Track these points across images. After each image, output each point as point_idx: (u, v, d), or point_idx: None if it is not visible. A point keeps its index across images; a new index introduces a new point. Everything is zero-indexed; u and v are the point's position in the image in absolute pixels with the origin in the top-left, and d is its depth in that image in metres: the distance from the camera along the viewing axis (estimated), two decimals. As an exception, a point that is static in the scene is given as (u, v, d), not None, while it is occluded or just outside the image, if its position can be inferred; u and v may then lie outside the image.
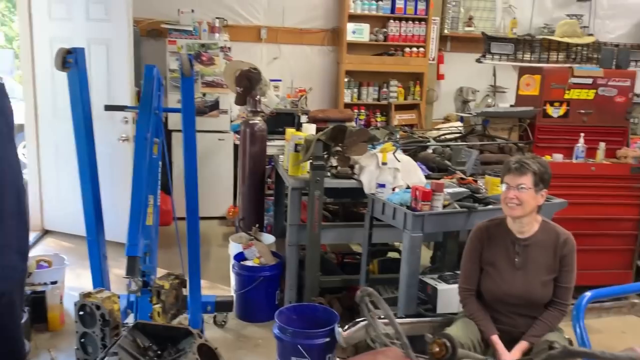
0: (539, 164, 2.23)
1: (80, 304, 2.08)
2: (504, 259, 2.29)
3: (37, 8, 4.44)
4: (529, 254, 2.27)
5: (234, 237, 3.85)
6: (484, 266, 2.34)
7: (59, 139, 4.54)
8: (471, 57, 6.21)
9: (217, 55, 5.30)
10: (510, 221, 2.29)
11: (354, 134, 3.21)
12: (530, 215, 2.24)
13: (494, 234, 2.33)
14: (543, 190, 2.24)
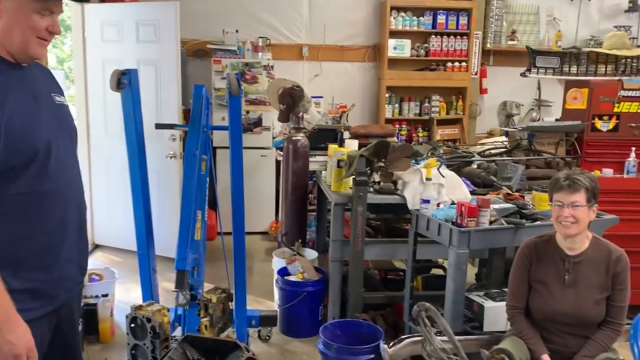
0: (590, 179, 2.18)
1: (131, 316, 2.14)
2: (554, 277, 2.24)
3: (90, 31, 4.66)
4: (579, 272, 2.21)
5: (277, 252, 3.89)
6: (533, 284, 2.29)
7: (109, 156, 4.72)
8: (515, 70, 6.12)
9: (260, 73, 5.42)
10: (560, 238, 2.24)
11: (397, 150, 3.22)
12: (582, 232, 2.19)
13: (543, 251, 2.28)
14: (594, 206, 2.19)
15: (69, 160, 1.63)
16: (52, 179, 1.53)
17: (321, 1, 6.00)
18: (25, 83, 1.52)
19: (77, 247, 1.68)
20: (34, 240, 1.52)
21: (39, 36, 1.48)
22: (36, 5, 1.44)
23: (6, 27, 1.44)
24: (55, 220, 1.57)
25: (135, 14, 4.48)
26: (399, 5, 5.87)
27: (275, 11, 5.93)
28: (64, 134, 1.62)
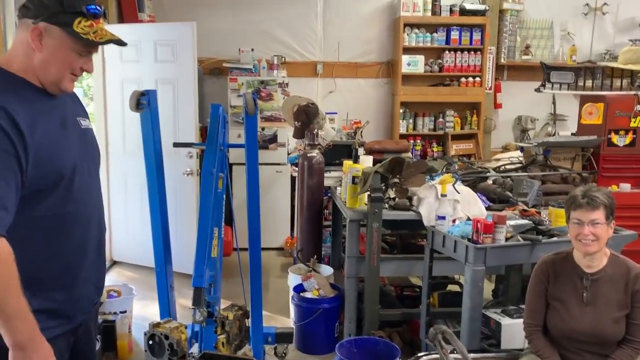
0: (607, 196, 2.17)
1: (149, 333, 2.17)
2: (572, 294, 2.22)
3: (110, 52, 4.76)
4: (598, 289, 2.19)
5: (293, 268, 3.90)
6: (551, 301, 2.27)
7: (127, 173, 4.79)
8: (529, 85, 6.11)
9: (275, 90, 5.48)
10: (578, 255, 2.23)
11: (412, 166, 3.23)
12: (601, 249, 2.18)
13: (560, 268, 2.27)
14: (612, 222, 2.18)
15: (91, 183, 1.67)
16: (75, 202, 1.56)
17: (335, 19, 6.08)
18: (54, 110, 1.56)
19: (95, 268, 1.71)
20: (55, 261, 1.55)
21: (73, 73, 1.54)
22: (77, 47, 1.50)
23: (45, 61, 1.48)
24: (76, 241, 1.60)
25: (153, 35, 4.58)
26: (412, 22, 5.91)
27: (290, 30, 6.02)
28: (88, 157, 1.66)
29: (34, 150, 1.41)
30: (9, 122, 1.37)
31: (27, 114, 1.43)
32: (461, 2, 5.98)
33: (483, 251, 2.60)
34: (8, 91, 1.43)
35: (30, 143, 1.40)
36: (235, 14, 5.89)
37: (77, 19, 1.48)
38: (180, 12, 5.71)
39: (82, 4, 1.49)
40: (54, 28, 1.46)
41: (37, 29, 1.46)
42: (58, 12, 1.46)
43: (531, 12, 6.23)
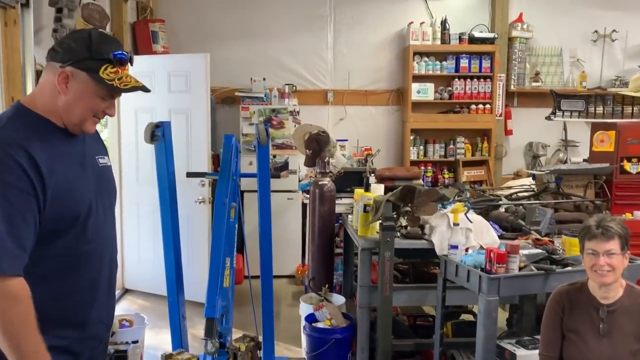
0: (621, 226, 2.16)
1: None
2: (588, 326, 2.19)
3: (125, 82, 4.85)
4: (614, 321, 2.16)
5: (304, 297, 3.88)
6: (566, 333, 2.24)
7: (140, 201, 4.84)
8: (540, 112, 6.14)
9: (286, 119, 5.54)
10: (593, 286, 2.21)
11: (424, 194, 3.23)
12: (617, 280, 2.16)
13: (575, 299, 2.24)
14: (627, 252, 2.16)
15: (106, 222, 1.68)
16: (89, 241, 1.57)
17: (345, 49, 6.17)
18: (74, 150, 1.59)
19: (105, 306, 1.71)
20: (67, 300, 1.56)
21: (95, 116, 1.57)
22: (101, 92, 1.53)
23: (69, 104, 1.52)
24: (88, 280, 1.61)
25: (167, 66, 4.67)
26: (421, 50, 5.98)
27: (300, 59, 6.11)
28: (104, 195, 1.68)
29: (51, 191, 1.44)
30: (29, 163, 1.39)
31: (47, 155, 1.45)
32: (470, 31, 6.05)
33: (496, 281, 2.57)
34: (30, 131, 1.46)
35: (49, 184, 1.43)
36: (247, 45, 6.01)
37: (103, 65, 1.51)
38: (193, 43, 5.84)
39: (109, 51, 1.53)
40: (80, 73, 1.50)
41: (64, 73, 1.49)
42: (86, 58, 1.50)
43: (540, 40, 6.28)
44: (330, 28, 6.15)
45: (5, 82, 2.99)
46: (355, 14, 6.14)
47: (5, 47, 2.97)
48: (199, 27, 5.95)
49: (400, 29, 6.16)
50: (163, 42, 5.30)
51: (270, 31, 6.05)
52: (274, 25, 6.05)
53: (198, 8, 5.96)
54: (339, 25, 6.15)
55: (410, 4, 6.14)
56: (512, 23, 6.16)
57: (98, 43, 1.53)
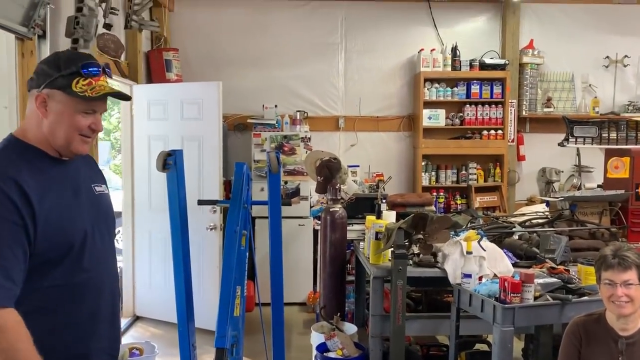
0: (638, 255, 2.11)
1: (172, 396, 2.14)
2: (606, 359, 2.13)
3: (138, 109, 4.92)
4: (634, 354, 2.10)
5: (316, 326, 3.83)
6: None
7: (152, 227, 4.85)
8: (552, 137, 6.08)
9: (298, 145, 5.57)
10: (611, 317, 2.15)
11: (436, 221, 3.20)
12: (636, 311, 2.10)
13: (592, 331, 2.19)
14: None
15: (104, 250, 1.65)
16: (86, 271, 1.55)
17: (356, 76, 6.22)
18: (67, 178, 1.58)
19: (108, 337, 1.68)
20: (67, 331, 1.54)
21: (81, 134, 1.55)
22: (80, 106, 1.52)
23: (52, 125, 1.51)
24: (88, 311, 1.59)
25: (180, 94, 4.73)
26: (432, 77, 6.01)
27: (312, 86, 6.18)
28: (101, 224, 1.65)
29: (42, 220, 1.43)
30: (18, 194, 1.39)
31: (38, 184, 1.45)
32: (481, 57, 6.07)
33: (511, 311, 2.52)
34: (21, 161, 1.47)
35: (39, 213, 1.42)
36: (259, 72, 6.09)
37: (74, 79, 1.50)
38: (206, 71, 5.93)
39: (77, 64, 1.52)
40: (55, 92, 1.50)
41: (41, 96, 1.50)
42: (57, 77, 1.50)
43: (551, 65, 6.29)
44: (341, 55, 6.22)
45: (22, 111, 3.04)
46: (366, 41, 6.21)
47: (22, 78, 3.02)
48: (212, 56, 6.05)
49: (410, 56, 6.21)
50: (176, 71, 5.38)
51: (282, 59, 6.13)
52: (285, 53, 6.13)
53: (211, 37, 6.06)
54: (350, 52, 6.22)
55: (421, 31, 6.19)
56: (523, 49, 6.18)
57: (66, 60, 1.53)
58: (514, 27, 6.17)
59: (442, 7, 6.19)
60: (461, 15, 6.24)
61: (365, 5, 6.17)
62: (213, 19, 6.08)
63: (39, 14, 2.99)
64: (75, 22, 3.29)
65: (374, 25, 6.19)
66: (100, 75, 1.56)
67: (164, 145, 4.62)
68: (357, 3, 6.16)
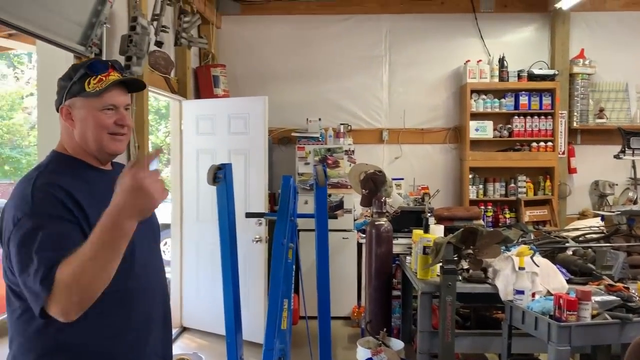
0: None
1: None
2: (674, 383, 2.01)
3: (187, 124, 5.05)
4: None
5: (362, 341, 3.79)
6: (649, 389, 2.07)
7: (200, 239, 4.93)
8: (605, 149, 5.91)
9: (341, 158, 5.57)
10: (677, 339, 2.04)
11: (486, 236, 3.12)
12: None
13: (657, 353, 2.07)
14: None
15: (151, 257, 1.69)
16: (137, 276, 1.58)
17: (400, 88, 6.19)
18: (110, 186, 1.57)
19: (161, 341, 1.72)
20: (121, 337, 1.56)
21: (110, 132, 1.57)
22: (98, 104, 1.54)
23: (81, 131, 1.56)
24: (142, 316, 1.62)
25: (227, 108, 4.82)
26: (479, 88, 5.91)
27: (356, 99, 6.18)
28: (148, 232, 1.67)
29: (93, 223, 1.42)
30: (69, 200, 1.43)
31: (86, 193, 1.48)
32: (529, 68, 5.94)
33: (567, 330, 2.43)
34: (68, 173, 1.52)
35: (90, 214, 1.44)
36: (303, 86, 6.14)
37: (85, 80, 1.54)
38: (252, 86, 6.03)
39: (85, 65, 1.56)
40: (74, 100, 1.55)
41: (64, 108, 1.56)
42: (71, 85, 1.55)
43: (603, 75, 6.08)
44: (385, 68, 6.21)
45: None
46: (411, 53, 6.18)
47: (79, 94, 3.15)
48: (257, 71, 6.15)
49: (456, 67, 6.14)
50: (224, 86, 5.50)
51: (326, 72, 6.17)
52: (329, 66, 6.17)
53: (256, 53, 6.17)
54: (394, 65, 6.20)
55: (467, 43, 6.12)
56: (573, 59, 6.01)
57: (75, 68, 1.58)
58: (563, 37, 6.02)
59: (489, 18, 6.10)
60: (508, 25, 6.13)
61: (410, 17, 6.15)
62: (259, 36, 6.19)
63: (96, 33, 3.12)
64: (129, 41, 3.41)
65: (419, 37, 6.16)
66: (109, 70, 1.59)
67: (211, 158, 4.72)
68: (401, 16, 6.15)
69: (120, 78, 1.60)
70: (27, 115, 15.45)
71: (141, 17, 3.52)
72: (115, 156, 1.65)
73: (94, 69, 1.56)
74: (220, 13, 6.07)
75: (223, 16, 6.15)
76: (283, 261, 2.69)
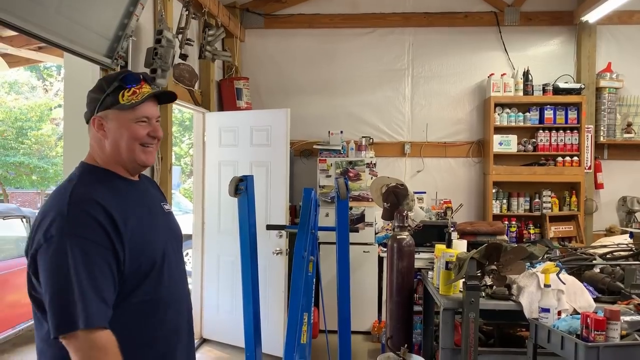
0: None
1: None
2: None
3: (210, 137, 5.09)
4: None
5: (382, 357, 3.70)
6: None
7: (221, 251, 4.94)
8: (633, 164, 5.82)
9: (363, 171, 5.55)
10: None
11: (511, 252, 3.06)
12: None
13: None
14: None
15: (178, 266, 1.71)
16: (166, 286, 1.60)
17: (423, 101, 6.16)
18: (142, 197, 1.66)
19: (187, 351, 1.73)
20: (153, 347, 1.58)
21: (141, 143, 1.61)
22: (132, 116, 1.58)
23: (113, 143, 1.59)
24: (171, 325, 1.63)
25: (250, 121, 4.85)
26: (503, 102, 5.85)
27: (378, 112, 6.17)
28: (174, 241, 1.72)
29: (128, 241, 1.48)
30: (105, 217, 1.45)
31: (119, 206, 1.51)
32: (554, 81, 5.86)
33: (595, 350, 2.35)
34: (100, 185, 1.54)
35: (125, 235, 1.48)
36: (325, 99, 6.16)
37: (119, 93, 1.58)
38: (274, 99, 6.07)
39: (118, 78, 1.60)
40: (107, 112, 1.58)
41: (97, 119, 1.59)
42: (105, 97, 1.58)
43: (631, 89, 5.96)
44: (407, 81, 6.19)
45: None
46: (433, 67, 6.15)
47: (105, 106, 3.20)
48: (280, 84, 6.19)
49: (480, 81, 6.09)
50: (246, 99, 5.54)
51: (348, 85, 6.17)
52: (351, 79, 6.18)
53: (279, 66, 6.21)
54: (417, 78, 6.18)
55: (490, 56, 6.07)
56: (599, 73, 5.91)
57: (108, 80, 1.61)
58: (589, 50, 5.93)
59: (513, 32, 6.05)
60: (533, 39, 6.07)
61: (433, 31, 6.13)
62: (282, 49, 6.23)
63: (122, 46, 3.17)
64: (154, 53, 3.46)
65: (442, 50, 6.13)
66: (142, 82, 1.63)
67: (233, 170, 4.74)
68: (424, 29, 6.14)
69: (155, 91, 1.64)
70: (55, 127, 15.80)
71: (167, 30, 3.57)
72: (146, 167, 1.68)
73: (128, 81, 1.60)
74: (244, 26, 6.14)
75: (247, 29, 6.21)
76: (303, 274, 2.67)
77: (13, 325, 4.82)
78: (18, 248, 5.32)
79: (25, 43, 4.77)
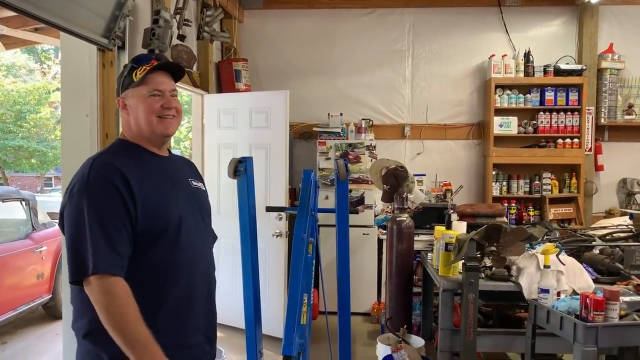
0: None
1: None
2: None
3: (209, 119, 5.06)
4: None
5: (382, 337, 3.76)
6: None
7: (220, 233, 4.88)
8: (634, 146, 5.80)
9: (363, 153, 5.53)
10: None
11: (510, 233, 3.06)
12: None
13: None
14: None
15: (199, 235, 1.78)
16: (182, 250, 1.68)
17: (423, 83, 6.12)
18: (164, 169, 1.77)
19: (204, 317, 1.78)
20: (162, 305, 1.64)
21: (158, 115, 1.72)
22: (144, 90, 1.71)
23: (134, 118, 1.74)
24: (183, 288, 1.68)
25: (249, 103, 4.81)
26: (503, 83, 5.81)
27: (378, 94, 6.13)
28: (196, 212, 1.80)
29: (142, 202, 1.60)
30: (120, 179, 1.58)
31: (138, 173, 1.64)
32: (555, 62, 5.82)
33: (594, 330, 2.36)
34: (124, 154, 1.70)
35: (137, 194, 1.60)
36: (325, 81, 6.12)
37: (133, 72, 1.73)
38: (273, 80, 6.03)
39: (133, 60, 1.77)
40: (126, 92, 1.74)
41: (120, 100, 1.76)
42: (123, 79, 1.76)
43: (633, 71, 5.92)
44: (408, 62, 6.14)
45: (101, 119, 3.19)
46: (434, 48, 6.10)
47: (102, 87, 3.17)
48: (279, 65, 6.14)
49: (480, 62, 6.04)
50: (245, 80, 5.50)
51: (348, 67, 6.13)
52: (351, 61, 6.13)
53: (278, 47, 6.16)
54: (417, 59, 6.13)
55: (491, 37, 6.02)
56: (601, 54, 5.86)
57: (128, 65, 1.78)
58: (591, 31, 5.87)
59: (514, 12, 5.98)
60: (534, 19, 6.01)
61: (434, 11, 6.06)
62: (281, 30, 6.17)
63: (119, 26, 3.13)
64: (152, 34, 3.42)
65: (443, 31, 6.07)
66: (153, 60, 1.75)
67: (232, 153, 4.72)
68: (425, 9, 6.07)
69: (157, 63, 1.73)
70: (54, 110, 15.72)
71: (164, 10, 3.53)
72: (167, 137, 1.79)
73: (139, 61, 1.75)
74: (242, 7, 6.07)
75: (245, 10, 6.15)
76: (303, 256, 2.66)
77: (14, 308, 4.84)
78: (18, 231, 5.31)
79: (22, 24, 4.72)
